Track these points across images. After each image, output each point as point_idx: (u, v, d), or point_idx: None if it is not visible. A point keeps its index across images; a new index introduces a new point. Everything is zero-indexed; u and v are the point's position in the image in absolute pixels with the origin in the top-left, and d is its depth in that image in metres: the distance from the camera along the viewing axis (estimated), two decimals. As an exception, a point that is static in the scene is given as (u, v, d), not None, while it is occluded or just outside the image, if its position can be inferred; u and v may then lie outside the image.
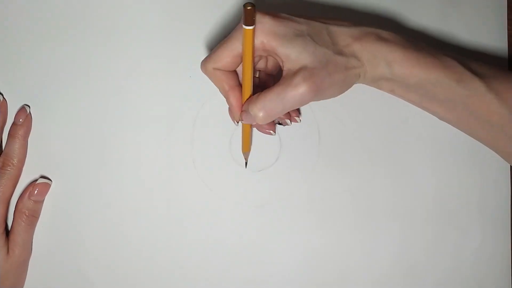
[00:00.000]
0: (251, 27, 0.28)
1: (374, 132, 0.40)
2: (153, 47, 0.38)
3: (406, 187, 0.40)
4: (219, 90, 0.33)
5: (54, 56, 0.37)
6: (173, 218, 0.37)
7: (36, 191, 0.35)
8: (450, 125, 0.35)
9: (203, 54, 0.38)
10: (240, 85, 0.32)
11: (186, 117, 0.38)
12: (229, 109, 0.34)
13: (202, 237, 0.38)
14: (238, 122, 0.34)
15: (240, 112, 0.32)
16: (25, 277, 0.36)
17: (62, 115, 0.37)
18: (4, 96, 0.36)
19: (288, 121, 0.35)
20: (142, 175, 0.37)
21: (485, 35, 0.41)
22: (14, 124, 0.36)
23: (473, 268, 0.40)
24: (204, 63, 0.32)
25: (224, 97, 0.33)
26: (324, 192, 0.39)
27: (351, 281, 0.39)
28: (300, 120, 0.36)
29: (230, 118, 0.36)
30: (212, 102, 0.38)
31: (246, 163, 0.37)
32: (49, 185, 0.36)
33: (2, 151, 0.36)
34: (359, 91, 0.39)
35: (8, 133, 0.36)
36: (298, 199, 0.38)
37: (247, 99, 0.32)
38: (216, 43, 0.38)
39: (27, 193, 0.35)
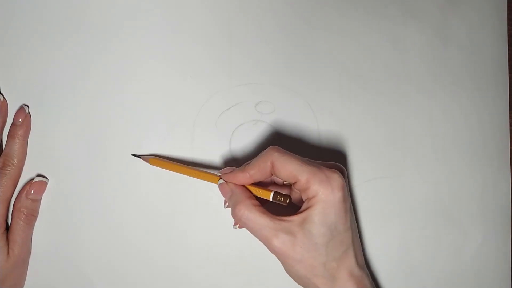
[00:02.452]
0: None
1: (374, 132, 0.40)
2: (153, 47, 0.38)
3: (406, 187, 0.40)
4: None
5: (54, 56, 0.37)
6: (173, 218, 0.37)
7: (33, 190, 0.35)
8: (450, 126, 0.35)
9: (203, 54, 0.38)
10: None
11: (186, 117, 0.38)
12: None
13: (202, 237, 0.38)
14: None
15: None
16: (25, 276, 0.36)
17: (62, 115, 0.37)
18: (4, 96, 0.36)
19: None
20: (142, 175, 0.37)
21: (485, 35, 0.41)
22: (13, 124, 0.36)
23: (473, 268, 0.40)
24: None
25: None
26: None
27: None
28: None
29: (228, 120, 0.36)
30: (212, 102, 0.38)
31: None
32: (46, 183, 0.36)
33: (1, 151, 0.36)
34: (359, 90, 0.39)
35: (8, 133, 0.36)
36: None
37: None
38: (217, 44, 0.38)
39: (24, 192, 0.35)
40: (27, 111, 0.36)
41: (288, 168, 0.31)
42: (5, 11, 0.37)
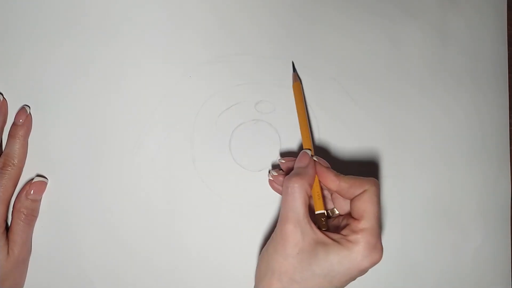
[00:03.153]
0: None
1: (374, 132, 0.40)
2: (152, 47, 0.38)
3: (406, 187, 0.40)
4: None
5: (54, 56, 0.37)
6: (173, 218, 0.37)
7: (32, 190, 0.35)
8: (450, 125, 0.35)
9: (203, 54, 0.38)
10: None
11: (186, 117, 0.38)
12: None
13: (202, 236, 0.38)
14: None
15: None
16: (25, 276, 0.36)
17: (62, 115, 0.37)
18: (4, 96, 0.37)
19: None
20: (142, 175, 0.37)
21: (485, 35, 0.41)
22: (14, 124, 0.36)
23: (473, 268, 0.40)
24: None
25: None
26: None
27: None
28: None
29: (228, 119, 0.36)
30: (212, 102, 0.38)
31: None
32: (46, 183, 0.36)
33: (1, 151, 0.37)
34: (359, 89, 0.39)
35: (9, 134, 0.36)
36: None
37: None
38: (216, 43, 0.38)
39: (24, 192, 0.35)
40: (28, 112, 0.36)
41: (368, 207, 0.30)
42: (5, 11, 0.37)
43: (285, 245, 0.30)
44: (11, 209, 0.36)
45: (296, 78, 0.37)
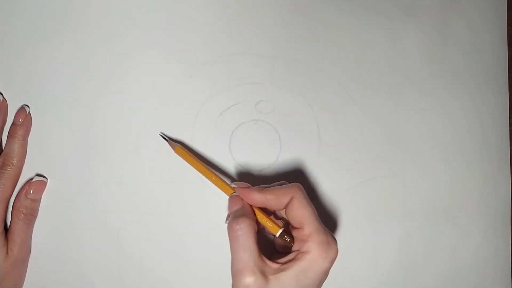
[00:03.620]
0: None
1: (374, 132, 0.40)
2: (153, 47, 0.38)
3: (406, 187, 0.40)
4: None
5: (54, 56, 0.37)
6: (173, 218, 0.37)
7: (32, 190, 0.35)
8: (450, 125, 0.35)
9: (203, 54, 0.38)
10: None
11: (186, 117, 0.38)
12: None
13: (202, 237, 0.38)
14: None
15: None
16: (25, 276, 0.36)
17: (62, 114, 0.37)
18: (4, 96, 0.36)
19: None
20: (142, 175, 0.37)
21: (485, 35, 0.41)
22: (13, 124, 0.36)
23: (472, 268, 0.40)
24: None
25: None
26: (324, 192, 0.39)
27: (351, 281, 0.39)
28: None
29: (228, 119, 0.36)
30: (212, 102, 0.38)
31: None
32: (45, 183, 0.36)
33: (1, 151, 0.36)
34: (359, 89, 0.40)
35: (8, 133, 0.36)
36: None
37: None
38: (216, 43, 0.38)
39: (24, 192, 0.35)
40: (27, 111, 0.36)
41: (302, 212, 0.30)
42: (5, 11, 0.37)
43: None
44: (10, 209, 0.36)
45: (173, 144, 0.36)
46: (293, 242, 0.32)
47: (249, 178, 0.38)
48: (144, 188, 0.37)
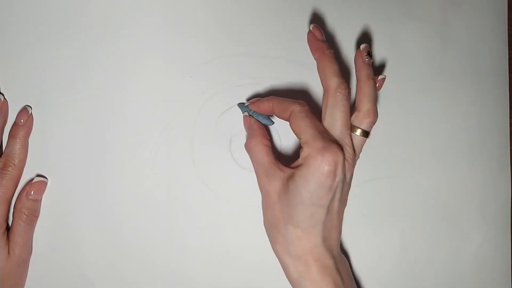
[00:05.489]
0: None
1: (373, 131, 0.40)
2: (153, 47, 0.38)
3: (406, 187, 0.40)
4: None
5: (55, 57, 0.37)
6: (173, 218, 0.38)
7: (32, 191, 0.35)
8: (450, 126, 0.35)
9: (203, 54, 0.38)
10: None
11: (186, 117, 0.38)
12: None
13: (202, 236, 0.38)
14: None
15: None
16: (26, 276, 0.36)
17: (62, 115, 0.37)
18: (5, 97, 0.37)
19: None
20: (142, 175, 0.37)
21: (485, 35, 0.41)
22: (15, 124, 0.36)
23: (473, 268, 0.40)
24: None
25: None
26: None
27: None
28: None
29: (228, 120, 0.36)
30: (212, 102, 0.38)
31: None
32: (46, 183, 0.37)
33: (2, 151, 0.37)
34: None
35: (9, 134, 0.36)
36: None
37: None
38: (217, 43, 0.38)
39: (24, 193, 0.35)
40: (30, 112, 0.36)
41: (299, 124, 0.32)
42: (5, 11, 0.37)
43: (267, 197, 0.33)
44: (12, 210, 0.36)
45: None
46: None
47: (249, 178, 0.38)
48: (144, 188, 0.37)
